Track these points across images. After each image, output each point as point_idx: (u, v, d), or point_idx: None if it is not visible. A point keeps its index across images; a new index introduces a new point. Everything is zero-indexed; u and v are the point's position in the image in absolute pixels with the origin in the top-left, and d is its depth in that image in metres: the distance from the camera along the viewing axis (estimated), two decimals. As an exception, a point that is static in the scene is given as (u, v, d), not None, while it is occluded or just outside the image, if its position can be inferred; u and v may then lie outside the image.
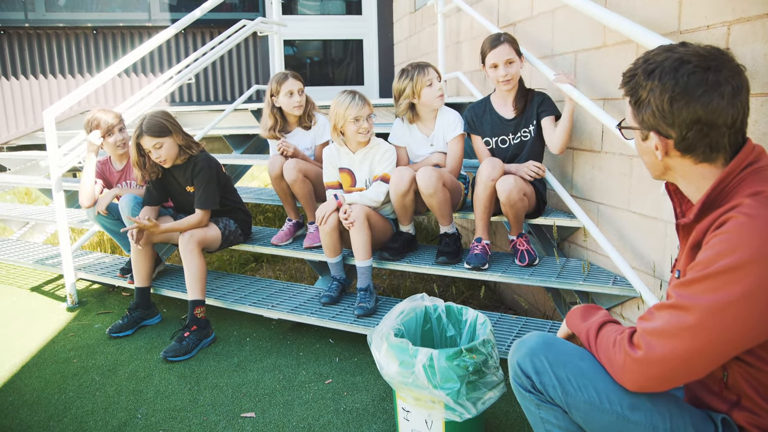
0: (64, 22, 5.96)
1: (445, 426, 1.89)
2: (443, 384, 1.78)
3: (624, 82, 1.30)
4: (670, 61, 1.21)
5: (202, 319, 2.94)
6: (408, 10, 5.86)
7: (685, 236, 1.33)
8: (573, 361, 1.32)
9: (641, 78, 1.24)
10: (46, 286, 3.99)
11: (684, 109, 1.18)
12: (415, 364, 1.80)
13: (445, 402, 1.79)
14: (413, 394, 1.86)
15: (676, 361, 1.14)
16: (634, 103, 1.28)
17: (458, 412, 1.80)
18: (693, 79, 1.17)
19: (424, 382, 1.79)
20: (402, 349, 1.86)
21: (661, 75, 1.20)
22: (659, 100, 1.21)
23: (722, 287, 1.09)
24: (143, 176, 3.09)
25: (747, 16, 1.87)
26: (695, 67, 1.18)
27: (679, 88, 1.18)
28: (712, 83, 1.16)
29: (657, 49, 1.26)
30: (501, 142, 2.95)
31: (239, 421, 2.28)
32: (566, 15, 2.93)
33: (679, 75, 1.18)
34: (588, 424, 1.31)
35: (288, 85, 3.21)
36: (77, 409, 2.40)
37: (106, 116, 3.36)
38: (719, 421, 1.24)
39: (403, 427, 2.01)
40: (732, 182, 1.20)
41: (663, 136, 1.24)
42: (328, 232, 2.86)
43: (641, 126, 1.28)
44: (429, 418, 1.90)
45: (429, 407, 1.85)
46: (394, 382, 1.88)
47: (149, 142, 2.94)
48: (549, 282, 2.64)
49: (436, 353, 1.80)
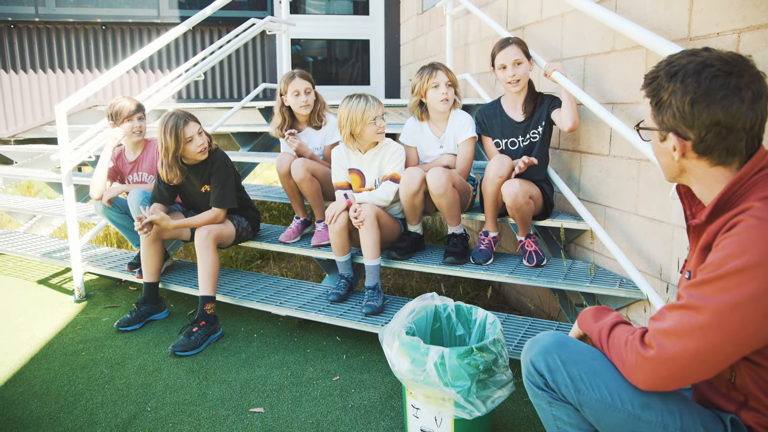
0: (73, 17, 6.00)
1: (454, 424, 1.91)
2: (454, 382, 1.80)
3: (646, 83, 1.32)
4: (693, 64, 1.23)
5: (211, 315, 2.96)
6: (415, 11, 5.89)
7: (696, 238, 1.36)
8: (585, 360, 1.35)
9: (663, 80, 1.26)
10: (53, 279, 4.02)
11: (704, 112, 1.20)
12: (427, 362, 1.83)
13: (455, 400, 1.82)
14: (424, 392, 1.89)
15: (687, 360, 1.16)
16: (655, 104, 1.29)
17: (468, 410, 1.82)
18: (715, 82, 1.20)
19: (435, 380, 1.81)
20: (414, 347, 1.89)
21: (684, 77, 1.22)
22: (680, 102, 1.23)
23: (733, 288, 1.12)
24: (170, 176, 3.00)
25: (757, 24, 1.90)
26: (718, 71, 1.20)
27: (701, 91, 1.20)
28: (733, 87, 1.19)
29: (680, 53, 1.29)
30: (510, 144, 2.98)
31: (248, 415, 2.31)
32: (575, 19, 2.95)
33: (702, 78, 1.21)
34: (599, 422, 1.33)
35: (295, 84, 3.23)
36: (87, 401, 2.43)
37: (129, 103, 3.40)
38: (728, 421, 1.27)
39: (412, 424, 2.03)
40: (744, 186, 1.22)
41: (681, 137, 1.26)
42: (337, 231, 2.88)
43: (660, 127, 1.30)
44: (438, 416, 1.92)
45: (439, 404, 1.87)
46: (405, 380, 1.91)
47: (194, 128, 2.95)
48: (556, 283, 2.67)
49: (448, 351, 1.82)
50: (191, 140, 2.94)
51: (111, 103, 3.40)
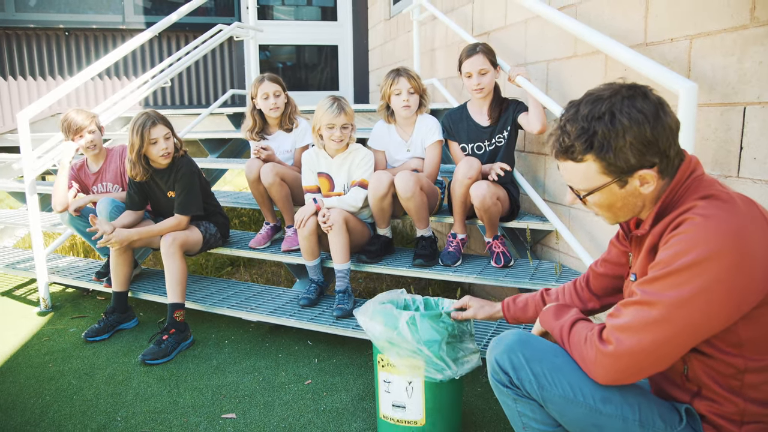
0: (34, 23, 5.89)
1: (425, 395, 1.99)
2: (425, 339, 1.91)
3: (585, 146, 1.28)
4: (617, 102, 1.26)
5: (181, 322, 2.95)
6: (383, 17, 5.94)
7: (639, 244, 1.42)
8: (548, 357, 1.39)
9: (605, 129, 1.26)
10: (18, 291, 3.94)
11: (662, 131, 1.26)
12: (399, 321, 1.94)
13: (427, 357, 1.91)
14: (397, 352, 1.96)
15: (644, 354, 1.22)
16: (612, 155, 1.26)
17: (439, 367, 1.92)
18: (647, 104, 1.26)
19: (407, 337, 1.91)
20: (387, 313, 1.99)
21: (625, 114, 1.25)
22: (641, 135, 1.25)
23: (683, 283, 1.18)
24: (134, 173, 3.02)
25: (707, 31, 1.98)
26: (639, 95, 1.27)
27: (650, 115, 1.25)
28: (658, 101, 1.27)
29: (586, 105, 1.29)
30: (477, 148, 3.04)
31: (220, 422, 2.30)
32: (538, 25, 3.03)
33: (639, 106, 1.26)
34: (563, 416, 1.38)
35: (264, 87, 3.25)
36: (55, 413, 2.39)
37: (79, 117, 3.33)
38: (683, 410, 1.33)
39: (384, 401, 2.08)
40: (680, 190, 1.30)
41: (648, 168, 1.29)
42: (306, 236, 2.90)
43: (620, 175, 1.30)
44: (410, 386, 1.99)
45: (411, 368, 1.95)
46: (379, 342, 1.98)
47: (161, 131, 2.95)
48: (522, 283, 2.73)
49: (418, 314, 1.94)
50: (155, 142, 2.95)
51: (62, 117, 3.34)
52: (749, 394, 1.26)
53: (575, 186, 1.37)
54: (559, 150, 1.34)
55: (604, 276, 1.67)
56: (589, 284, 1.73)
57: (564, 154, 1.33)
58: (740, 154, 1.91)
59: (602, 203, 1.36)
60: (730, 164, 1.95)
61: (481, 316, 1.89)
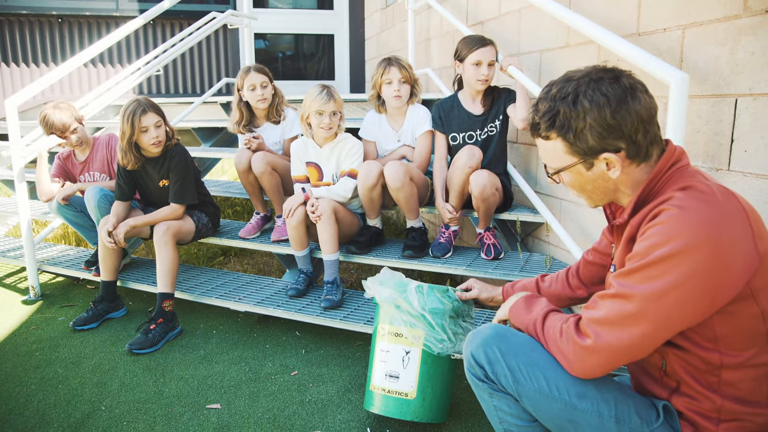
0: (27, 9, 5.83)
1: (420, 367, 2.00)
2: (430, 307, 1.96)
3: (548, 124, 1.31)
4: (583, 84, 1.26)
5: (169, 312, 2.93)
6: (379, 6, 5.89)
7: (619, 234, 1.41)
8: (524, 351, 1.37)
9: (567, 110, 1.27)
10: (8, 279, 3.92)
11: (627, 116, 1.24)
12: (408, 287, 2.01)
13: (428, 326, 1.95)
14: (400, 317, 2.00)
15: (622, 348, 1.21)
16: (572, 136, 1.28)
17: (440, 338, 1.95)
18: (616, 88, 1.25)
19: (414, 302, 1.97)
20: (397, 279, 2.07)
21: (588, 96, 1.25)
22: (600, 118, 1.24)
23: (659, 276, 1.16)
24: (125, 161, 2.98)
25: (700, 21, 1.95)
26: (608, 78, 1.26)
27: (614, 99, 1.24)
28: (629, 86, 1.25)
29: (558, 84, 1.31)
30: (468, 137, 3.00)
31: (204, 412, 2.29)
32: (532, 15, 2.99)
33: (604, 89, 1.25)
34: (538, 411, 1.36)
35: (250, 78, 3.21)
36: (39, 401, 2.38)
37: (61, 115, 3.25)
38: (661, 407, 1.32)
39: (378, 372, 2.09)
40: (661, 180, 1.28)
41: (613, 151, 1.28)
42: (294, 226, 2.87)
43: (585, 156, 1.30)
44: (407, 356, 2.01)
45: (412, 334, 1.99)
46: (385, 305, 2.05)
47: (152, 119, 2.91)
48: (512, 275, 2.71)
49: (426, 285, 2.00)
50: (146, 130, 2.90)
51: (41, 115, 3.26)
52: (727, 391, 1.24)
53: (547, 164, 1.40)
54: (530, 126, 1.38)
55: (592, 264, 1.70)
56: (579, 272, 1.75)
57: (532, 130, 1.37)
58: (731, 147, 1.88)
59: (573, 184, 1.39)
60: (721, 157, 1.92)
61: (483, 297, 1.96)
